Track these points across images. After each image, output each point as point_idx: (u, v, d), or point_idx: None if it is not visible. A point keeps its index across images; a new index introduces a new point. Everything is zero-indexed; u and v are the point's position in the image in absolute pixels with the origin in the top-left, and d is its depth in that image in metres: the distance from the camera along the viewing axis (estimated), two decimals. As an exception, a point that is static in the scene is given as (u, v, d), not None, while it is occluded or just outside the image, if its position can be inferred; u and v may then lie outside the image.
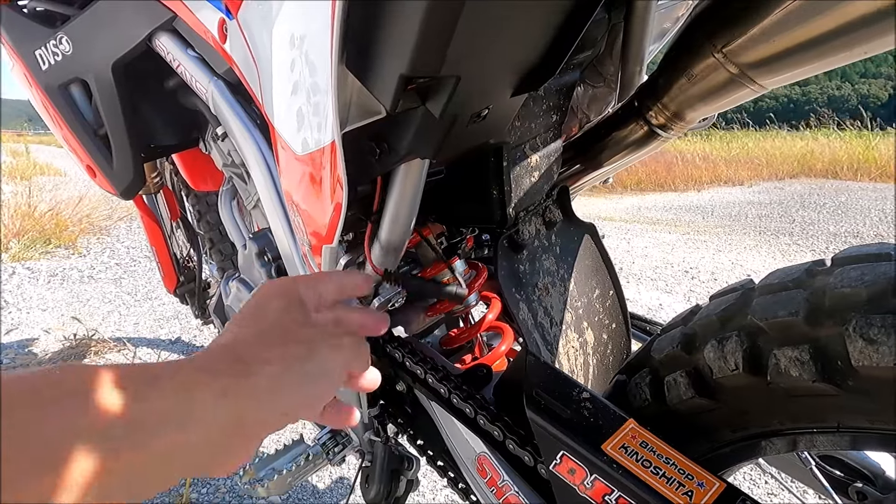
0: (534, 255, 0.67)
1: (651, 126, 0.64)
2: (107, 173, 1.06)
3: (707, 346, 0.48)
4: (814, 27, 0.49)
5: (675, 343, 0.52)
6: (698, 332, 0.51)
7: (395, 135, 0.47)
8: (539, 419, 0.54)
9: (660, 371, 0.54)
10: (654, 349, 0.55)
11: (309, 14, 0.44)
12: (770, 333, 0.44)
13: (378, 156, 0.49)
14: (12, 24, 1.01)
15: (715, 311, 0.50)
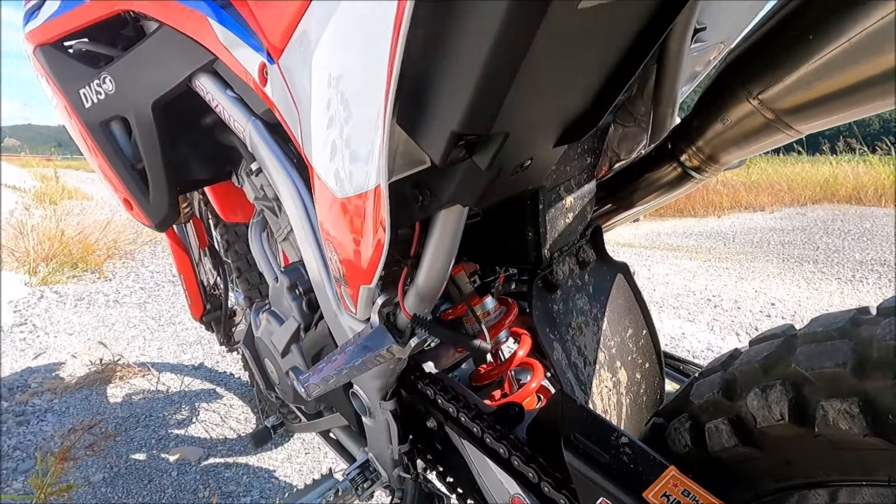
0: (567, 295, 0.68)
1: (685, 168, 0.65)
2: (143, 206, 1.09)
3: (750, 393, 0.48)
4: (851, 76, 0.49)
5: (716, 389, 0.52)
6: (739, 378, 0.50)
7: (439, 183, 0.48)
8: (578, 463, 0.53)
9: (700, 417, 0.54)
10: (693, 394, 0.55)
11: (360, 68, 0.45)
12: (816, 384, 0.44)
13: (420, 202, 0.50)
14: (57, 63, 1.05)
15: (756, 358, 0.49)
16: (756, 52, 0.54)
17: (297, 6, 0.61)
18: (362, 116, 0.46)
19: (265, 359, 1.04)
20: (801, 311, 3.29)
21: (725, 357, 0.56)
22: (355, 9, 0.44)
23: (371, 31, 0.41)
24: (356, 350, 0.62)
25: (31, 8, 1.06)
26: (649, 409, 0.75)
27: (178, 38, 0.88)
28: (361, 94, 0.46)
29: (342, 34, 0.48)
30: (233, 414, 2.05)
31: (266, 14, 0.70)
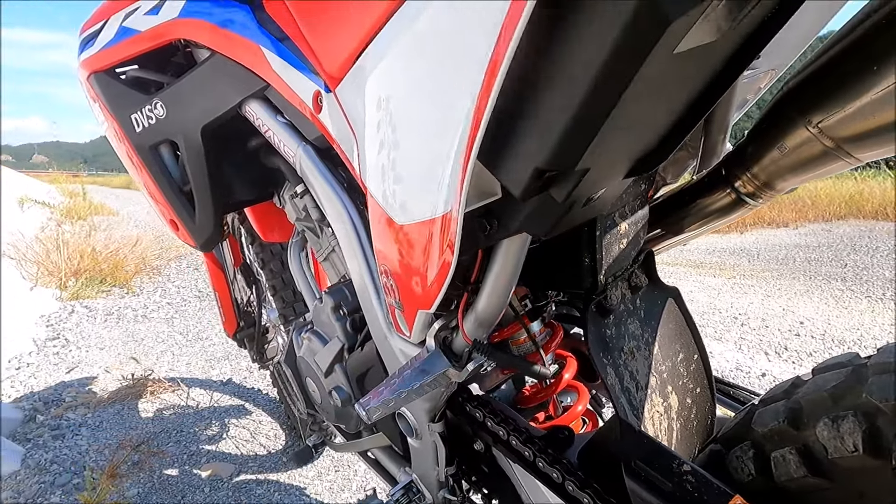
0: (619, 320, 0.68)
1: (739, 194, 0.65)
2: (189, 227, 1.12)
3: (819, 423, 0.47)
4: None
5: (781, 417, 0.52)
6: (806, 407, 0.50)
7: (509, 213, 0.49)
8: (641, 491, 0.53)
9: (764, 445, 0.53)
10: (756, 422, 0.54)
11: (440, 103, 0.47)
12: (891, 415, 0.44)
13: (487, 231, 0.51)
14: (111, 89, 1.09)
15: (824, 387, 0.49)
16: (815, 82, 0.55)
17: (358, 39, 0.63)
18: (437, 148, 0.48)
19: (307, 378, 1.06)
20: (832, 330, 3.23)
21: (787, 385, 0.56)
22: (439, 47, 0.45)
23: (459, 69, 0.42)
24: (413, 374, 0.63)
25: (87, 37, 1.10)
26: (700, 434, 0.74)
27: (231, 65, 0.91)
28: (439, 127, 0.47)
29: (420, 69, 0.49)
30: (262, 430, 2.07)
31: (324, 46, 0.73)
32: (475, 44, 0.39)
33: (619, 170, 0.48)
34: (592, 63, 0.34)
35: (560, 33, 0.35)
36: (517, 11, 0.33)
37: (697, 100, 0.43)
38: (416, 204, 0.54)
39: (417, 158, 0.51)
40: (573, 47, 0.35)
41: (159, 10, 0.97)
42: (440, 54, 0.45)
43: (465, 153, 0.43)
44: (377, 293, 0.78)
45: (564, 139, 0.37)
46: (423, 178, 0.51)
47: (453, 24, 0.43)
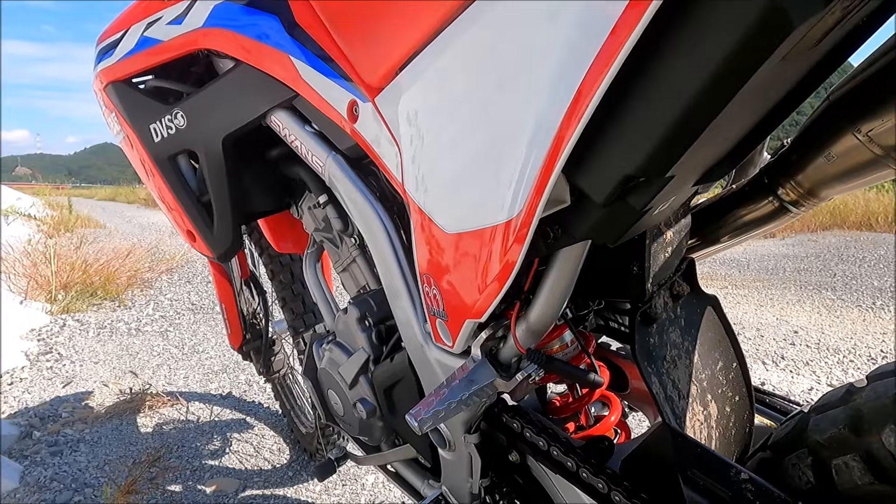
0: (661, 328, 0.68)
1: (783, 202, 0.66)
2: (206, 238, 1.11)
3: (885, 430, 0.48)
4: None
5: (840, 425, 0.52)
6: (867, 414, 0.50)
7: (576, 221, 0.49)
8: (700, 500, 0.53)
9: (822, 453, 0.53)
10: (811, 429, 0.55)
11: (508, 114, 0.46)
12: (961, 421, 0.44)
13: (549, 238, 0.51)
14: (129, 99, 1.08)
15: (886, 394, 0.49)
16: (864, 91, 0.56)
17: (403, 50, 0.63)
18: (507, 159, 0.48)
19: (329, 390, 1.04)
20: (826, 339, 3.27)
21: (842, 392, 0.56)
22: (519, 56, 0.45)
23: (545, 79, 0.42)
24: (462, 384, 0.62)
25: (105, 47, 1.09)
26: (738, 443, 0.74)
27: (258, 75, 0.91)
28: (512, 137, 0.47)
29: (490, 80, 0.49)
30: (265, 444, 2.04)
31: (361, 56, 0.72)
32: (571, 53, 0.39)
33: (694, 177, 0.48)
34: (706, 70, 0.34)
35: (672, 41, 0.35)
36: (630, 22, 0.33)
37: (773, 112, 0.43)
38: (471, 214, 0.54)
39: (480, 169, 0.51)
40: (685, 55, 0.35)
41: (183, 19, 0.96)
42: (520, 63, 0.45)
43: (547, 163, 0.43)
44: (412, 303, 0.77)
45: (662, 147, 0.37)
46: (484, 187, 0.51)
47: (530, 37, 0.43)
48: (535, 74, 0.43)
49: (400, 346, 0.87)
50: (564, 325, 0.70)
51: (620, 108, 0.39)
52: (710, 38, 0.33)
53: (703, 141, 0.39)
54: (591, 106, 0.38)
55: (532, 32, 0.44)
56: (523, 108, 0.45)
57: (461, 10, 0.53)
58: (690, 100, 0.35)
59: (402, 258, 0.78)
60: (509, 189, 0.48)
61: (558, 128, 0.41)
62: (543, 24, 0.43)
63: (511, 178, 0.47)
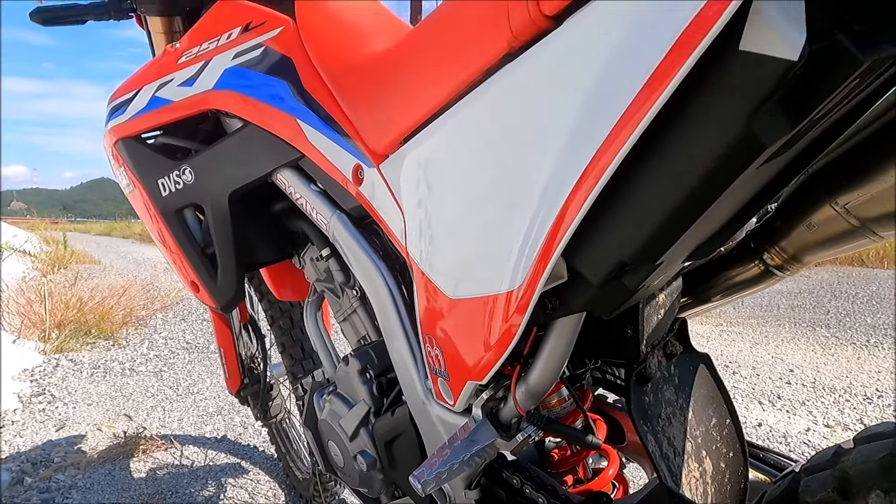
0: (656, 387, 0.70)
1: (768, 266, 0.69)
2: (210, 289, 1.13)
3: (871, 495, 0.50)
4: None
5: (829, 487, 0.54)
6: (854, 478, 0.52)
7: (573, 295, 0.52)
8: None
9: (813, 514, 0.55)
10: (803, 490, 0.56)
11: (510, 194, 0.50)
12: (942, 488, 0.46)
13: (548, 309, 0.53)
14: (139, 155, 1.11)
15: (872, 458, 0.52)
16: (842, 164, 0.59)
17: (409, 122, 0.66)
18: (509, 236, 0.51)
19: (329, 441, 1.05)
20: (821, 377, 3.28)
21: (830, 454, 0.58)
22: (520, 132, 0.49)
23: (549, 166, 0.45)
24: (463, 444, 0.64)
25: (116, 106, 1.13)
26: (734, 498, 0.76)
27: (265, 136, 0.95)
28: (515, 215, 0.50)
29: (493, 160, 0.53)
30: (260, 490, 2.01)
31: (367, 124, 0.76)
32: (579, 139, 0.42)
33: (685, 255, 0.51)
34: (692, 176, 0.37)
35: (664, 144, 0.39)
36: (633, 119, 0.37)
37: (762, 192, 0.47)
38: (474, 282, 0.56)
39: (481, 241, 0.54)
40: (674, 161, 0.39)
41: (194, 81, 1.00)
42: (527, 143, 0.48)
43: (547, 243, 0.46)
44: (414, 360, 0.79)
45: (653, 239, 0.41)
46: (488, 259, 0.54)
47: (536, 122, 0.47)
48: (542, 156, 0.47)
49: (401, 399, 0.89)
50: (560, 382, 0.72)
51: (616, 200, 0.43)
52: (694, 149, 0.37)
53: (694, 230, 0.42)
54: (594, 193, 0.41)
55: (540, 116, 0.48)
56: (528, 188, 0.48)
57: (471, 88, 0.57)
58: (679, 198, 0.39)
59: (405, 316, 0.80)
60: (511, 263, 0.51)
61: (559, 211, 0.44)
62: (552, 109, 0.47)
63: (514, 252, 0.50)
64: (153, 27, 1.23)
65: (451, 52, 0.58)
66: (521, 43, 0.48)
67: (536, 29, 0.47)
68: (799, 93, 0.32)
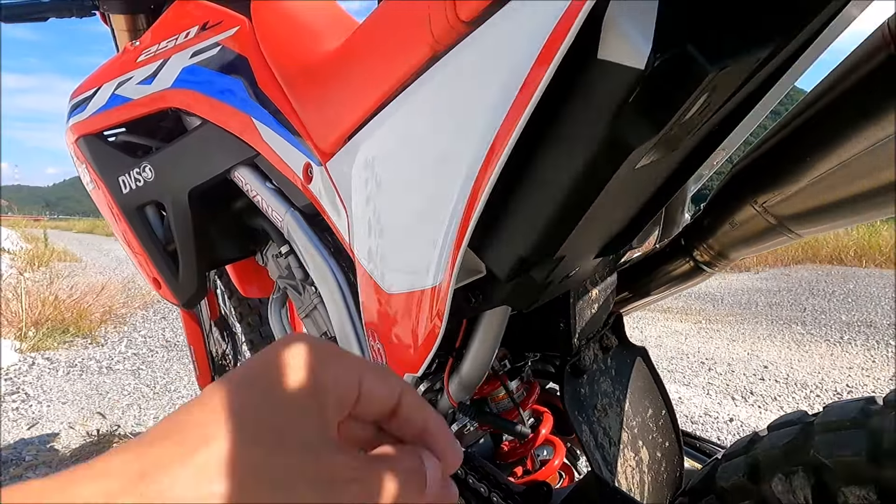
0: (592, 379, 0.73)
1: (697, 263, 0.72)
2: (172, 286, 1.14)
3: (774, 478, 0.52)
4: (849, 189, 0.56)
5: (741, 472, 0.56)
6: (762, 463, 0.55)
7: (493, 289, 0.54)
8: (616, 546, 0.57)
9: (726, 498, 0.58)
10: (718, 476, 0.59)
11: (433, 192, 0.52)
12: (836, 471, 0.49)
13: (472, 303, 0.55)
14: (99, 152, 1.12)
15: (778, 444, 0.54)
16: (760, 166, 0.62)
17: (352, 120, 0.68)
18: (429, 231, 0.53)
19: (288, 435, 1.07)
20: (794, 374, 3.34)
21: (746, 441, 0.60)
22: (433, 135, 0.51)
23: (455, 162, 0.47)
24: (400, 435, 0.66)
25: (77, 103, 1.14)
26: (670, 486, 0.78)
27: (222, 134, 0.96)
28: (432, 212, 0.52)
29: (415, 157, 0.55)
30: (233, 487, 2.02)
31: (315, 123, 0.78)
32: (470, 141, 0.44)
33: (592, 252, 0.54)
34: (569, 175, 0.39)
35: (544, 147, 0.41)
36: (509, 127, 0.39)
37: (657, 193, 0.49)
38: (405, 277, 0.58)
39: (409, 237, 0.56)
40: (554, 160, 0.41)
41: (153, 80, 1.01)
42: (436, 146, 0.50)
43: (457, 239, 0.48)
44: (363, 354, 0.81)
45: (545, 233, 0.43)
46: (415, 254, 0.56)
47: (451, 122, 0.49)
48: (454, 155, 0.49)
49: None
50: (504, 375, 0.75)
51: (513, 198, 0.45)
52: (569, 152, 0.39)
53: (589, 226, 0.44)
54: (487, 190, 0.43)
55: (452, 117, 0.50)
56: (443, 185, 0.50)
57: (402, 89, 0.59)
58: (561, 197, 0.41)
59: (354, 312, 0.82)
60: (434, 258, 0.52)
61: (465, 207, 0.46)
62: (461, 110, 0.49)
63: (437, 247, 0.52)
64: (116, 25, 1.23)
65: (385, 54, 0.60)
66: (444, 47, 0.50)
67: (455, 34, 0.48)
68: (657, 99, 0.34)
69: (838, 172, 0.55)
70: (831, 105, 0.54)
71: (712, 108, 0.38)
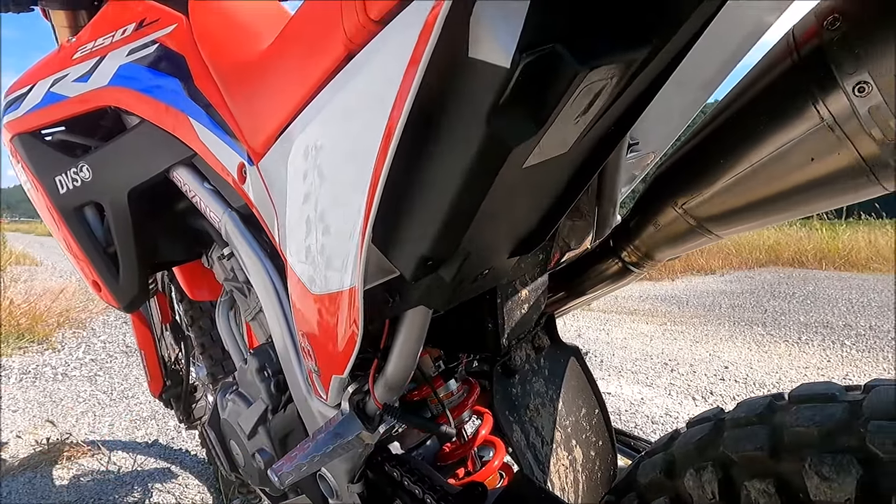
0: (524, 379, 0.73)
1: (625, 263, 0.73)
2: (112, 288, 1.11)
3: (686, 474, 0.53)
4: (761, 191, 0.58)
5: (658, 469, 0.57)
6: (678, 459, 0.56)
7: (408, 289, 0.54)
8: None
9: (646, 495, 0.59)
10: (639, 473, 0.60)
11: (341, 189, 0.51)
12: (740, 465, 0.50)
13: (390, 304, 0.55)
14: (35, 151, 1.09)
15: (692, 440, 0.55)
16: (679, 169, 0.64)
17: (280, 119, 0.67)
18: (339, 230, 0.52)
19: (230, 440, 1.05)
20: (753, 374, 3.42)
21: (667, 438, 0.61)
22: (342, 135, 0.51)
23: (355, 161, 0.47)
24: (327, 437, 0.65)
25: (12, 100, 1.10)
26: (604, 485, 0.79)
27: (159, 133, 0.94)
28: (341, 210, 0.52)
29: (326, 155, 0.54)
30: (188, 494, 1.98)
31: (248, 121, 0.77)
32: (368, 139, 0.44)
33: (501, 252, 0.54)
34: (455, 173, 0.40)
35: (431, 146, 0.41)
36: (392, 125, 0.39)
37: (561, 194, 0.50)
38: (326, 277, 0.58)
39: (326, 236, 0.56)
40: (440, 158, 0.41)
41: (89, 77, 0.99)
42: (343, 143, 0.50)
43: (361, 237, 0.47)
44: (297, 356, 0.80)
45: (440, 232, 0.43)
46: (331, 255, 0.55)
47: (357, 120, 0.49)
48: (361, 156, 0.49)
49: (293, 397, 0.89)
50: (438, 377, 0.75)
51: (408, 201, 0.45)
52: (453, 151, 0.39)
53: (488, 225, 0.44)
54: (379, 191, 0.43)
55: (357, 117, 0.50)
56: (352, 183, 0.50)
57: (320, 89, 0.58)
58: (451, 195, 0.41)
59: (289, 313, 0.81)
60: (347, 260, 0.52)
61: (364, 211, 0.46)
62: (363, 109, 0.49)
63: (348, 248, 0.52)
64: (57, 21, 1.20)
65: (306, 54, 0.59)
66: (357, 45, 0.50)
67: (367, 33, 0.48)
68: (529, 98, 0.35)
69: (750, 175, 0.57)
70: (741, 110, 0.56)
71: (600, 108, 0.38)
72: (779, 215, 0.59)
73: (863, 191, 0.54)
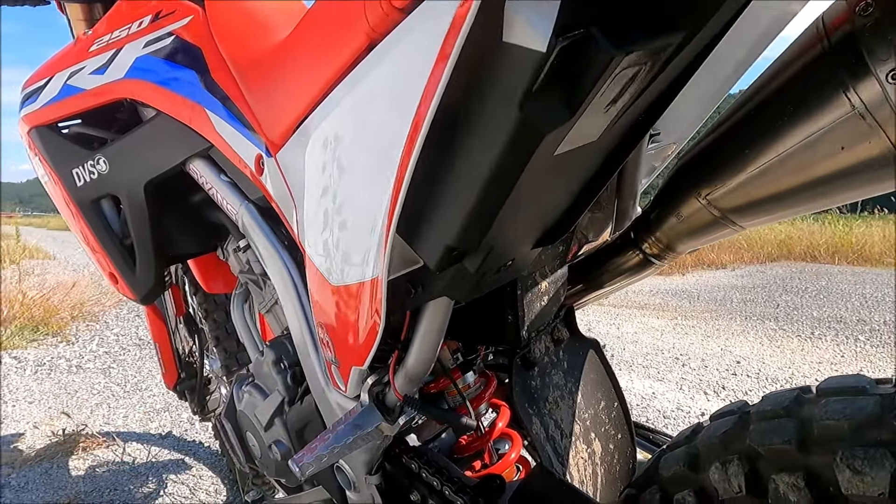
0: (544, 371, 0.73)
1: (646, 255, 0.72)
2: (129, 280, 1.11)
3: (712, 467, 0.53)
4: (787, 181, 0.57)
5: (682, 462, 0.57)
6: (702, 452, 0.55)
7: (431, 280, 0.53)
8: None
9: (668, 488, 0.58)
10: (661, 466, 0.59)
11: (365, 180, 0.51)
12: (768, 459, 0.49)
13: (412, 295, 0.55)
14: (52, 144, 1.09)
15: (716, 434, 0.55)
16: (703, 159, 0.63)
17: (299, 110, 0.67)
18: (360, 221, 0.52)
19: (246, 432, 1.05)
20: (766, 369, 3.39)
21: (689, 432, 0.61)
22: (363, 126, 0.50)
23: (381, 150, 0.47)
24: (347, 428, 0.65)
25: (29, 93, 1.11)
26: (622, 478, 0.79)
27: (175, 125, 0.94)
28: (366, 200, 0.51)
29: (346, 146, 0.54)
30: (202, 486, 1.99)
31: (265, 113, 0.77)
32: (395, 128, 0.44)
33: (525, 242, 0.54)
34: (485, 163, 0.39)
35: (459, 135, 0.41)
36: (423, 112, 0.39)
37: (588, 183, 0.49)
38: (347, 268, 0.58)
39: (348, 227, 0.55)
40: (470, 148, 0.40)
41: (106, 70, 0.99)
42: (364, 135, 0.50)
43: (386, 228, 0.47)
44: (315, 348, 0.80)
45: (468, 222, 0.42)
46: (352, 246, 0.55)
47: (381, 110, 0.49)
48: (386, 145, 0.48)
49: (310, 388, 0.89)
50: (455, 369, 0.74)
51: (435, 190, 0.44)
52: (483, 138, 0.39)
53: (514, 216, 0.44)
54: (407, 180, 0.43)
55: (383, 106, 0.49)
56: (376, 173, 0.49)
57: (342, 78, 0.58)
58: (480, 185, 0.41)
59: (307, 305, 0.81)
60: (370, 250, 0.52)
61: (391, 200, 0.46)
62: (389, 98, 0.48)
63: (370, 239, 0.51)
64: (72, 14, 1.20)
65: (325, 44, 0.59)
66: (379, 35, 0.50)
67: (391, 21, 0.48)
68: (564, 83, 0.34)
69: (776, 165, 0.56)
70: (768, 99, 0.55)
71: (631, 96, 0.38)
72: (805, 205, 0.58)
73: (892, 181, 0.53)
